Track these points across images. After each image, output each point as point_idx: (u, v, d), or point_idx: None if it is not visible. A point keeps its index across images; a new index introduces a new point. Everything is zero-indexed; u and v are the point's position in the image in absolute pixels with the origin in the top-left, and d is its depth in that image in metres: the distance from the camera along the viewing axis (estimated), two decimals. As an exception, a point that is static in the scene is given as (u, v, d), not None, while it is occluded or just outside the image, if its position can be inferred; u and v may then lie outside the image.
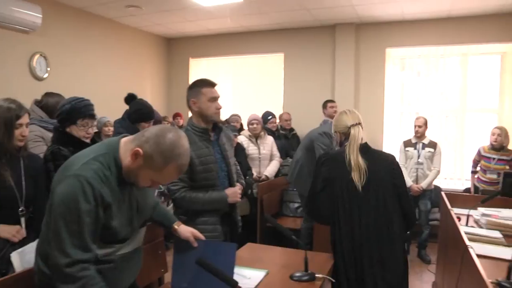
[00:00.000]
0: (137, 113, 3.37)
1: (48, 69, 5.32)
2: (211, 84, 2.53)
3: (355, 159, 2.41)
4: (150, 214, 1.89)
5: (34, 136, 3.20)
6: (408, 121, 6.26)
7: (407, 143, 5.13)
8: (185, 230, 2.00)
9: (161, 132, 1.53)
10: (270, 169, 5.12)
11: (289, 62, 6.82)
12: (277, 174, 5.28)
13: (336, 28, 6.38)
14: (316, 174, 2.56)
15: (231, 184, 2.64)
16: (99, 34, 6.14)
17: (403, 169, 4.96)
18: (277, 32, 6.81)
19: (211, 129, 2.58)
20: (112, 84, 6.31)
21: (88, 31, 5.93)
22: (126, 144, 1.58)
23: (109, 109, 4.78)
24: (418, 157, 5.00)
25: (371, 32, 6.30)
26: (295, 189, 4.87)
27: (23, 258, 2.11)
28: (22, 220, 2.25)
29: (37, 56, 5.16)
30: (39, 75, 5.20)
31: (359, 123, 2.50)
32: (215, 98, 2.51)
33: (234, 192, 2.58)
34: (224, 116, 5.96)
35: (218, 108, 2.54)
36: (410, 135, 5.19)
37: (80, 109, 2.55)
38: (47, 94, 3.49)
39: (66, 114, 2.53)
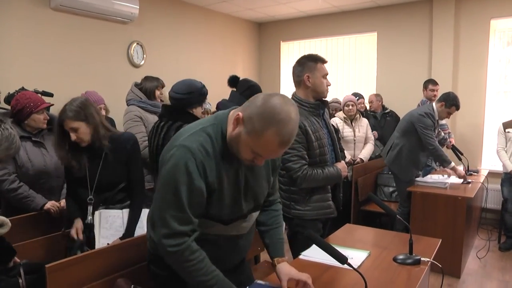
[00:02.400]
0: (252, 89, 3.24)
1: (144, 56, 5.58)
2: (324, 61, 2.50)
3: None
4: (262, 199, 1.70)
5: (134, 116, 3.34)
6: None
7: (508, 124, 4.65)
8: (285, 269, 1.68)
9: (268, 96, 1.39)
10: (365, 152, 4.97)
11: (383, 41, 6.49)
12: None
13: (433, 2, 5.94)
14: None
15: (337, 159, 2.62)
16: (192, 22, 6.31)
17: (502, 153, 4.58)
18: (370, 11, 6.51)
19: None
20: (205, 70, 6.45)
21: (181, 20, 6.12)
22: (233, 114, 1.47)
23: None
24: None
25: (474, 2, 5.75)
26: (390, 173, 4.69)
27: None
28: (89, 208, 2.36)
29: (134, 45, 5.44)
30: (136, 62, 5.48)
31: None
32: (326, 75, 2.50)
33: (344, 167, 2.57)
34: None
35: (328, 85, 2.51)
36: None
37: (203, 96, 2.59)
38: (146, 78, 3.64)
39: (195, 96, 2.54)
